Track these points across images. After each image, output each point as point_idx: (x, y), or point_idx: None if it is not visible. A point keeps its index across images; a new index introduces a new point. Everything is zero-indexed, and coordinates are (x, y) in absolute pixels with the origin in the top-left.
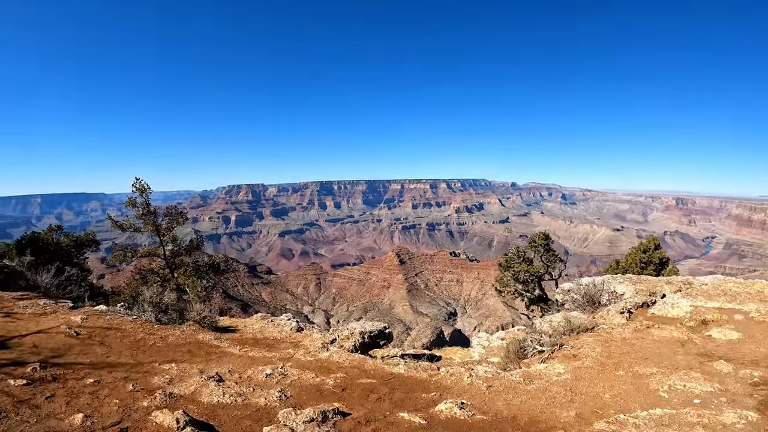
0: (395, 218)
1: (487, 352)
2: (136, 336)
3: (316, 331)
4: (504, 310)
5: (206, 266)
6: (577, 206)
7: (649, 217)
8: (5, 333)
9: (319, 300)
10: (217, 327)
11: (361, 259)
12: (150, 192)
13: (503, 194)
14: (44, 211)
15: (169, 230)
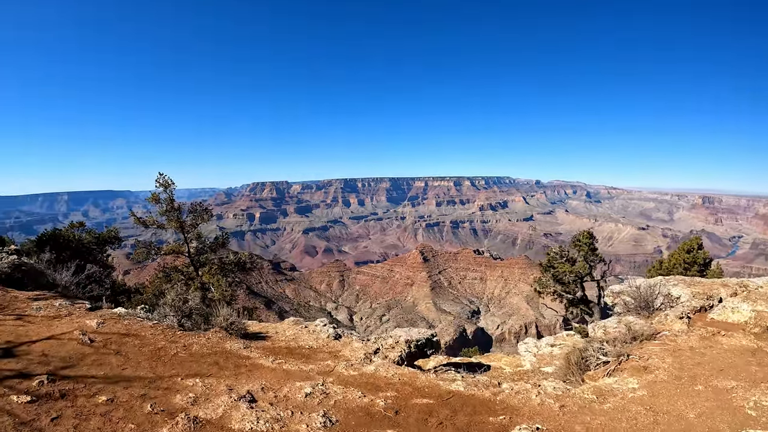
0: (419, 216)
1: (538, 361)
2: (157, 344)
3: (356, 339)
4: (527, 309)
5: (232, 264)
6: (602, 204)
7: (674, 216)
8: (14, 338)
9: (343, 297)
10: (246, 333)
11: (384, 256)
12: (174, 187)
13: (527, 192)
14: (71, 209)
15: (194, 227)
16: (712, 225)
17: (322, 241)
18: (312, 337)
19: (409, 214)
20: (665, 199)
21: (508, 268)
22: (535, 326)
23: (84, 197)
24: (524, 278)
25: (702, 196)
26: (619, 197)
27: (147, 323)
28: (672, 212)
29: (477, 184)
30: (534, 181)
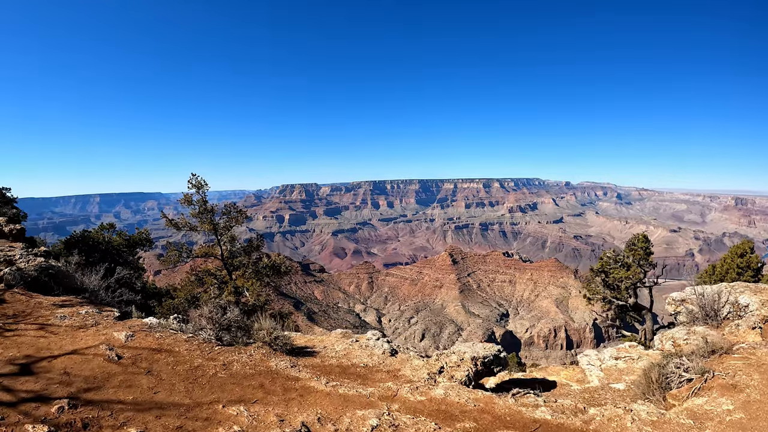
0: (448, 218)
1: (606, 376)
2: (193, 362)
3: (415, 356)
4: (557, 312)
5: (266, 268)
6: (633, 206)
7: (707, 218)
8: (34, 352)
9: (371, 299)
10: (291, 349)
11: (413, 258)
12: (207, 188)
13: (557, 194)
14: (102, 210)
15: (227, 229)
16: (745, 227)
17: (351, 243)
18: (365, 353)
19: (438, 216)
20: (697, 201)
21: (537, 270)
22: (565, 330)
23: (115, 199)
24: (554, 281)
25: (735, 197)
26: (650, 199)
27: (181, 336)
28: (704, 214)
29: (506, 185)
30: (564, 183)
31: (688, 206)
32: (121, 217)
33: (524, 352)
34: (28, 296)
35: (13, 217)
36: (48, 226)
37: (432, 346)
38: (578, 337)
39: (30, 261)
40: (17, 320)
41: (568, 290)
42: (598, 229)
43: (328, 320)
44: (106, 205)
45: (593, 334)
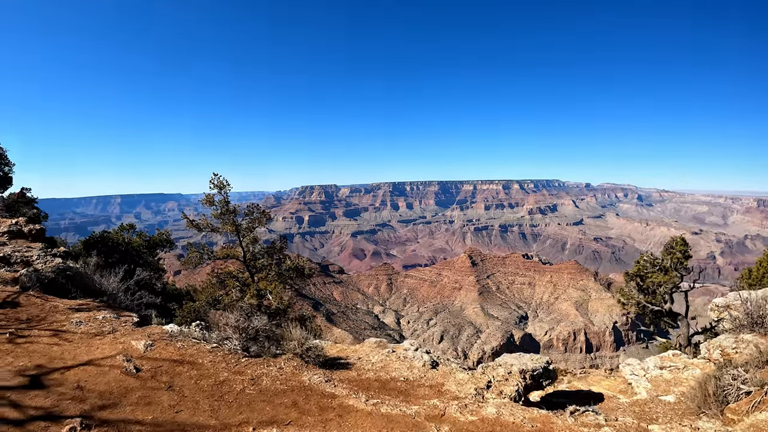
0: (467, 219)
1: (654, 388)
2: (218, 376)
3: (457, 368)
4: (576, 315)
5: (289, 270)
6: (654, 208)
7: (728, 220)
8: (46, 362)
9: (390, 300)
10: (324, 361)
11: (432, 260)
12: (229, 189)
13: (577, 195)
14: (123, 211)
15: (250, 231)
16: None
17: (371, 245)
18: (404, 365)
19: (457, 217)
20: (719, 203)
21: (557, 273)
22: (584, 333)
23: (136, 200)
24: (573, 283)
25: (757, 198)
26: (671, 200)
27: (204, 346)
28: (726, 216)
29: (526, 187)
30: (584, 184)
31: (710, 208)
32: (141, 218)
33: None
34: (44, 299)
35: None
36: (69, 227)
37: (451, 348)
38: (598, 341)
39: (47, 262)
40: (31, 325)
41: (588, 293)
42: (619, 231)
43: (347, 321)
44: (126, 206)
45: (613, 337)
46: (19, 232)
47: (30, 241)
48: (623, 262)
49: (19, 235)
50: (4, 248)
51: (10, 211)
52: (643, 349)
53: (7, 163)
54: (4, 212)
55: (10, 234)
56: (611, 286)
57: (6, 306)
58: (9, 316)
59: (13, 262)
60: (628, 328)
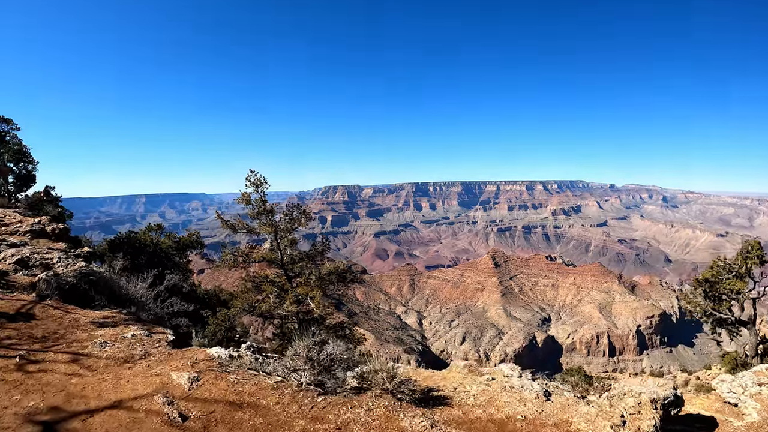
0: (490, 220)
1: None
2: (292, 426)
3: (573, 398)
4: (600, 318)
5: (331, 275)
6: (679, 209)
7: (755, 222)
8: (62, 402)
9: (413, 301)
10: (417, 397)
11: (455, 261)
12: (266, 187)
13: (601, 196)
14: (148, 210)
15: (288, 232)
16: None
17: (393, 245)
18: (513, 397)
19: (480, 218)
20: (745, 204)
21: (580, 275)
22: (607, 336)
23: (161, 199)
24: (597, 286)
25: None
26: (696, 202)
27: (265, 381)
28: (752, 218)
29: (549, 188)
30: (608, 185)
31: (736, 210)
32: (165, 217)
33: (565, 358)
34: (63, 310)
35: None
36: (95, 225)
37: (473, 350)
38: (621, 344)
39: (69, 265)
40: (46, 345)
41: (612, 295)
42: (643, 233)
43: (369, 321)
44: (151, 205)
45: (636, 341)
46: (41, 231)
47: (53, 240)
48: (647, 264)
49: (41, 234)
50: (22, 249)
51: (33, 210)
52: (667, 353)
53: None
54: (28, 211)
55: (32, 233)
56: (635, 288)
57: (19, 319)
58: (21, 333)
59: (31, 264)
60: (652, 331)
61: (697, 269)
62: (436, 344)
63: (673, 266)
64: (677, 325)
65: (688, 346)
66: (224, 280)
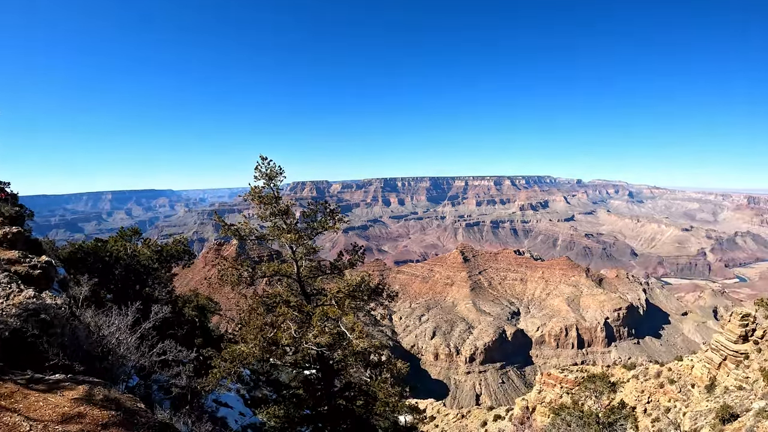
0: (459, 215)
1: None
2: None
3: None
4: (568, 311)
5: (363, 292)
6: (645, 204)
7: (719, 217)
8: None
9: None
10: None
11: (424, 256)
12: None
13: (568, 191)
14: (114, 207)
15: (308, 239)
16: (757, 226)
17: (362, 241)
18: None
19: (449, 213)
20: (709, 200)
21: (548, 269)
22: (576, 329)
23: (127, 196)
24: (565, 279)
25: (747, 196)
26: (661, 197)
27: None
28: (716, 213)
29: (517, 183)
30: (575, 181)
31: (700, 205)
32: (132, 214)
33: (535, 351)
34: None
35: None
36: (60, 224)
37: (443, 344)
38: (589, 336)
39: (10, 295)
40: None
41: (580, 289)
42: (610, 227)
43: None
44: (117, 202)
45: (604, 333)
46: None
47: (5, 248)
48: (614, 258)
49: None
50: None
51: None
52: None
53: None
54: None
55: None
56: (603, 282)
57: None
58: None
59: None
60: (620, 324)
61: (663, 262)
62: (407, 339)
63: (640, 260)
64: (644, 317)
65: (656, 337)
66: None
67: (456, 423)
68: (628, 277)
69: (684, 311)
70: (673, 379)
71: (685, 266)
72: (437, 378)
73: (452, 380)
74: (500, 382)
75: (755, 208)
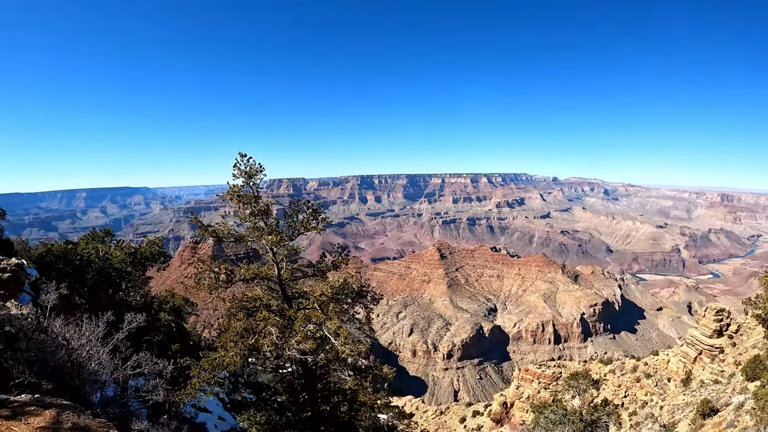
0: (435, 213)
1: None
2: None
3: None
4: (545, 307)
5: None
6: (620, 202)
7: (693, 214)
8: None
9: None
10: None
11: (401, 253)
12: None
13: (544, 189)
14: (89, 205)
15: (289, 240)
16: (730, 223)
17: (339, 238)
18: None
19: (425, 210)
20: (683, 197)
21: (525, 265)
22: (552, 325)
23: (102, 194)
24: (541, 276)
25: (721, 193)
26: (636, 195)
27: None
28: (690, 210)
29: (494, 181)
30: (551, 178)
31: (675, 202)
32: (107, 212)
33: (512, 347)
34: None
35: None
36: (34, 222)
37: (421, 341)
38: (566, 332)
39: None
40: None
41: (556, 285)
42: (585, 224)
43: None
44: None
45: (581, 328)
46: None
47: None
48: (590, 254)
49: None
50: None
51: None
52: (611, 339)
53: None
54: None
55: None
56: (578, 278)
57: None
58: None
59: None
60: (596, 319)
61: (638, 259)
62: (384, 336)
63: (615, 256)
64: (620, 312)
65: (631, 332)
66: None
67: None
68: (604, 273)
69: (659, 306)
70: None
71: (660, 262)
72: (415, 375)
73: (430, 377)
74: (478, 378)
75: (728, 206)
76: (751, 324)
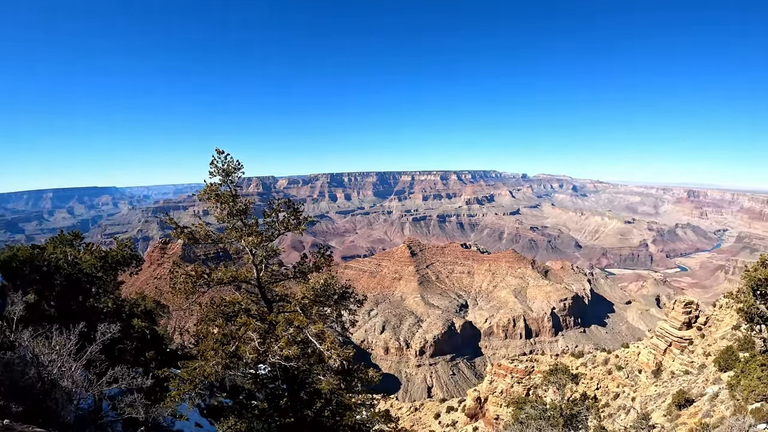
0: (406, 210)
1: None
2: None
3: None
4: (515, 302)
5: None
6: (588, 198)
7: (660, 210)
8: None
9: None
10: None
11: (371, 251)
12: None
13: (514, 186)
14: (55, 206)
15: (269, 240)
16: (697, 219)
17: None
18: None
19: (395, 208)
20: (651, 193)
21: (495, 261)
22: (524, 320)
23: (69, 194)
24: (511, 272)
25: (687, 190)
26: (605, 191)
27: None
28: (657, 206)
29: (463, 178)
30: (520, 175)
31: (642, 198)
32: (74, 213)
33: (484, 342)
34: None
35: None
36: (0, 223)
37: (393, 338)
38: (537, 326)
39: None
40: None
41: (526, 280)
42: (554, 220)
43: None
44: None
45: (551, 323)
46: None
47: None
48: (559, 250)
49: None
50: None
51: None
52: (581, 333)
53: None
54: None
55: None
56: (548, 273)
57: None
58: None
59: None
60: (566, 313)
61: (607, 254)
62: (357, 334)
63: (584, 251)
64: (589, 306)
65: (601, 326)
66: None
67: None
68: (573, 268)
69: (628, 300)
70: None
71: (628, 257)
72: (388, 372)
73: (403, 374)
74: (451, 374)
75: (695, 201)
76: (719, 316)
